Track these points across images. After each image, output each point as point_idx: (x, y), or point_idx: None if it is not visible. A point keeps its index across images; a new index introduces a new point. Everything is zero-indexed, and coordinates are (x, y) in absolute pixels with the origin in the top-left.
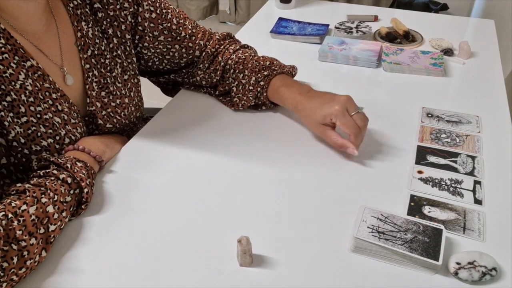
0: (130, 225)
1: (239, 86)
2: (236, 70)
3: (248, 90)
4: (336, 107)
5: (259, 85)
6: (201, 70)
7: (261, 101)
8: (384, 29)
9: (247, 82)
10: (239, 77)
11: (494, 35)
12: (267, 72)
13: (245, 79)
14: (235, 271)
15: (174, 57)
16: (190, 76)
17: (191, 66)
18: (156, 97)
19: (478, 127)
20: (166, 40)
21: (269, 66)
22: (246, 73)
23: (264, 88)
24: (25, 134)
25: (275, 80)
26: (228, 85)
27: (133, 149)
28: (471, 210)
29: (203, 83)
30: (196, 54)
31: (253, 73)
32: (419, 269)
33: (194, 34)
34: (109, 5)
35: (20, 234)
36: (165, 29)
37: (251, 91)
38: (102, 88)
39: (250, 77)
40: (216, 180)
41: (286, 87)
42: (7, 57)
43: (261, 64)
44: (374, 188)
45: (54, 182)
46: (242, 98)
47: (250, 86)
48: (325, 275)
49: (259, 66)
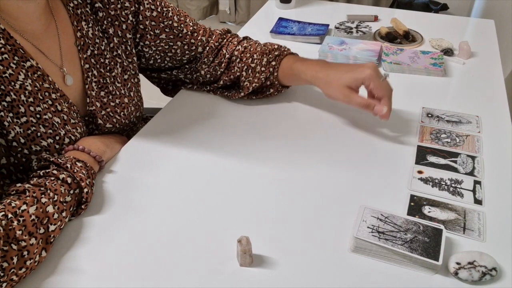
0: (130, 225)
1: (248, 70)
2: (244, 58)
3: (260, 71)
4: (368, 71)
5: (271, 65)
6: (206, 64)
7: (270, 81)
8: (384, 29)
9: (257, 65)
10: (248, 62)
11: (494, 35)
12: (277, 53)
13: (254, 63)
14: (235, 271)
15: (176, 54)
16: (193, 71)
17: (193, 62)
18: (156, 97)
19: (478, 127)
20: (168, 38)
21: (277, 48)
22: (256, 57)
23: (276, 68)
24: (25, 134)
25: (286, 59)
26: (234, 73)
27: (133, 149)
28: (471, 210)
29: (208, 76)
30: (199, 50)
31: (263, 55)
32: (419, 269)
33: (195, 30)
34: (110, 4)
35: (20, 234)
36: (167, 27)
37: (263, 72)
38: (101, 88)
39: (261, 59)
40: (216, 180)
41: (300, 62)
42: (7, 58)
43: (269, 47)
44: (374, 188)
45: (54, 182)
46: (253, 81)
47: (262, 67)
48: (325, 275)
49: (269, 49)
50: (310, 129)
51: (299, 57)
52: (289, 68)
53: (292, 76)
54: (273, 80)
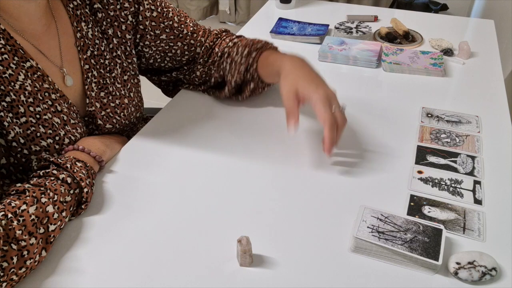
0: (130, 225)
1: (232, 63)
2: (231, 53)
3: (239, 63)
4: (321, 91)
5: (251, 57)
6: (201, 65)
7: (250, 73)
8: (384, 29)
9: (239, 56)
10: (232, 55)
11: (494, 35)
12: (259, 45)
13: (238, 55)
14: (235, 271)
15: (176, 55)
16: (190, 72)
17: (192, 62)
18: (156, 97)
19: (478, 127)
20: (168, 38)
21: (263, 42)
22: (239, 49)
23: (256, 59)
24: (24, 134)
25: (267, 52)
26: (223, 69)
27: (133, 149)
28: (471, 210)
29: (203, 76)
30: (197, 51)
31: (246, 47)
32: (419, 269)
33: (195, 31)
34: (109, 5)
35: (20, 234)
36: (167, 27)
37: (242, 64)
38: (101, 89)
39: (243, 51)
40: (216, 180)
41: (277, 53)
42: (7, 58)
43: (255, 41)
44: (374, 188)
45: (54, 182)
46: (234, 74)
47: (242, 59)
48: (325, 275)
49: (253, 42)
50: (310, 129)
51: (280, 52)
52: (266, 59)
53: (267, 67)
54: (253, 72)
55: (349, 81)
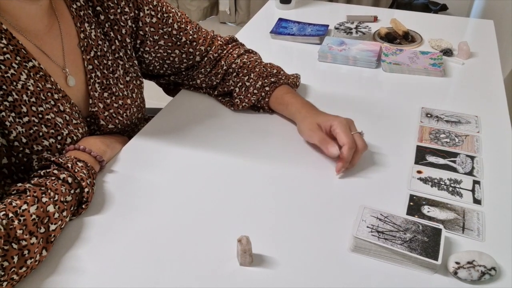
0: (131, 225)
1: (242, 87)
2: (240, 74)
3: (252, 93)
4: (340, 118)
5: (264, 90)
6: (202, 74)
7: (261, 105)
8: (383, 30)
9: (251, 85)
10: (244, 80)
11: (494, 36)
12: (274, 79)
13: (249, 82)
14: (235, 271)
15: (174, 62)
16: (190, 78)
17: (191, 69)
18: (157, 97)
19: (477, 127)
20: (166, 45)
21: (275, 74)
22: (252, 77)
23: (268, 94)
24: (27, 134)
25: (280, 88)
26: (228, 86)
27: (134, 149)
28: (470, 210)
29: (203, 85)
30: (197, 60)
31: (260, 78)
32: (419, 269)
33: (195, 39)
34: (109, 8)
35: (21, 233)
36: (165, 34)
37: (254, 94)
38: (104, 89)
39: (256, 81)
40: (216, 180)
41: (292, 94)
42: (9, 58)
43: (268, 70)
44: (373, 188)
45: (54, 182)
46: (244, 100)
47: (254, 89)
48: (325, 275)
49: (266, 72)
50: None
51: (292, 91)
52: (280, 97)
53: (281, 105)
54: (263, 104)
55: (348, 81)
